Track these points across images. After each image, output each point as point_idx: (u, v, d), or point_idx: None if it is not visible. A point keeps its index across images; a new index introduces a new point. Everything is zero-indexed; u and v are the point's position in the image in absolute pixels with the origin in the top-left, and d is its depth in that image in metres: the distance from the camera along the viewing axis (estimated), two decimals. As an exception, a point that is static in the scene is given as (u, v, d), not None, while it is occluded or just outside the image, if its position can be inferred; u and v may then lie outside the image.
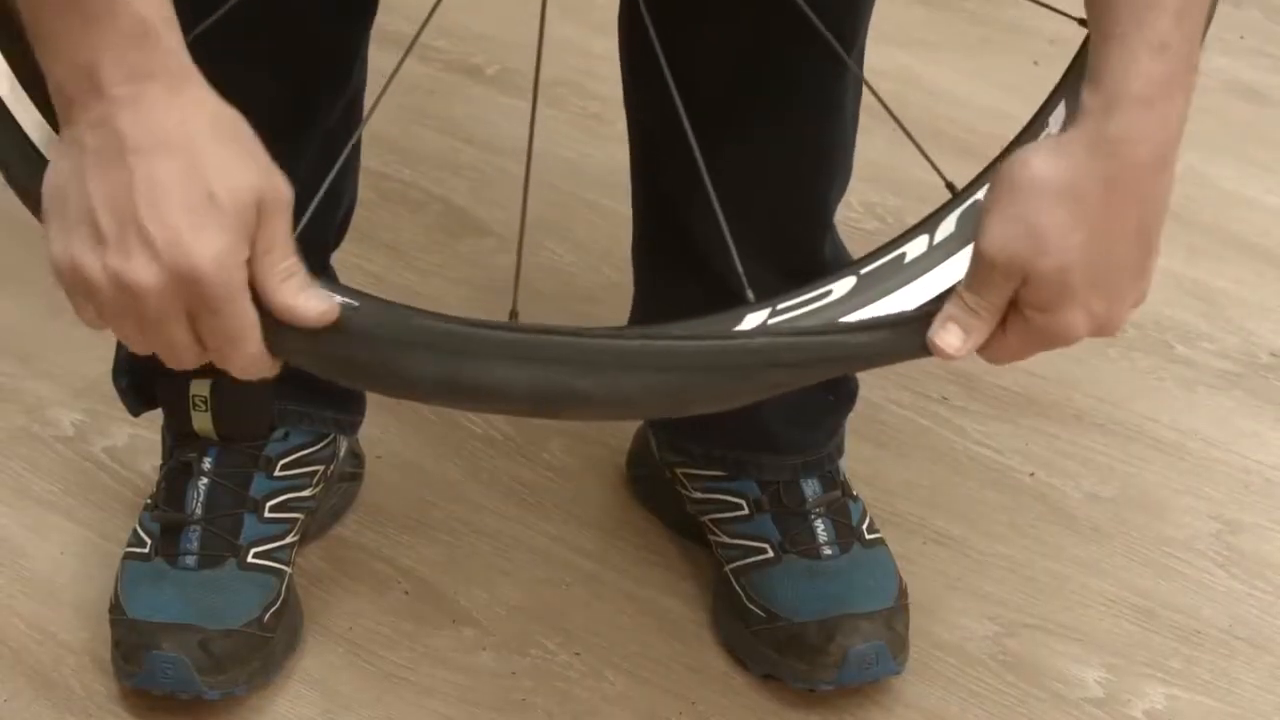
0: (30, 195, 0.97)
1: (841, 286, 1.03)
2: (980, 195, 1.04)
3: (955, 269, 1.02)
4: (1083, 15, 1.07)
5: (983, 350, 1.01)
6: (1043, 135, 1.05)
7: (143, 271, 0.92)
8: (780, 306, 1.02)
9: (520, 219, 1.12)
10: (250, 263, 0.93)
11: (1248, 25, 2.14)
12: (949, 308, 1.00)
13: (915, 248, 1.05)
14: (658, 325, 1.02)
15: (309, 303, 0.95)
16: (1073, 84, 1.05)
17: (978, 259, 0.98)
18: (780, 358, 0.98)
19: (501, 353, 0.96)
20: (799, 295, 1.03)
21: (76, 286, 0.94)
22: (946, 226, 1.04)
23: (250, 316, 0.94)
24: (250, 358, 0.95)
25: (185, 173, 0.91)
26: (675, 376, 0.97)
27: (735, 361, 0.97)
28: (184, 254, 0.91)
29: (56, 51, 0.91)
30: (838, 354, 0.99)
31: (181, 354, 0.96)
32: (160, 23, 0.91)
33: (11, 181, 1.00)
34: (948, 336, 1.00)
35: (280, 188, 0.94)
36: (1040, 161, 0.97)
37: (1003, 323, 1.00)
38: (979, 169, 1.06)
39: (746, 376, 0.98)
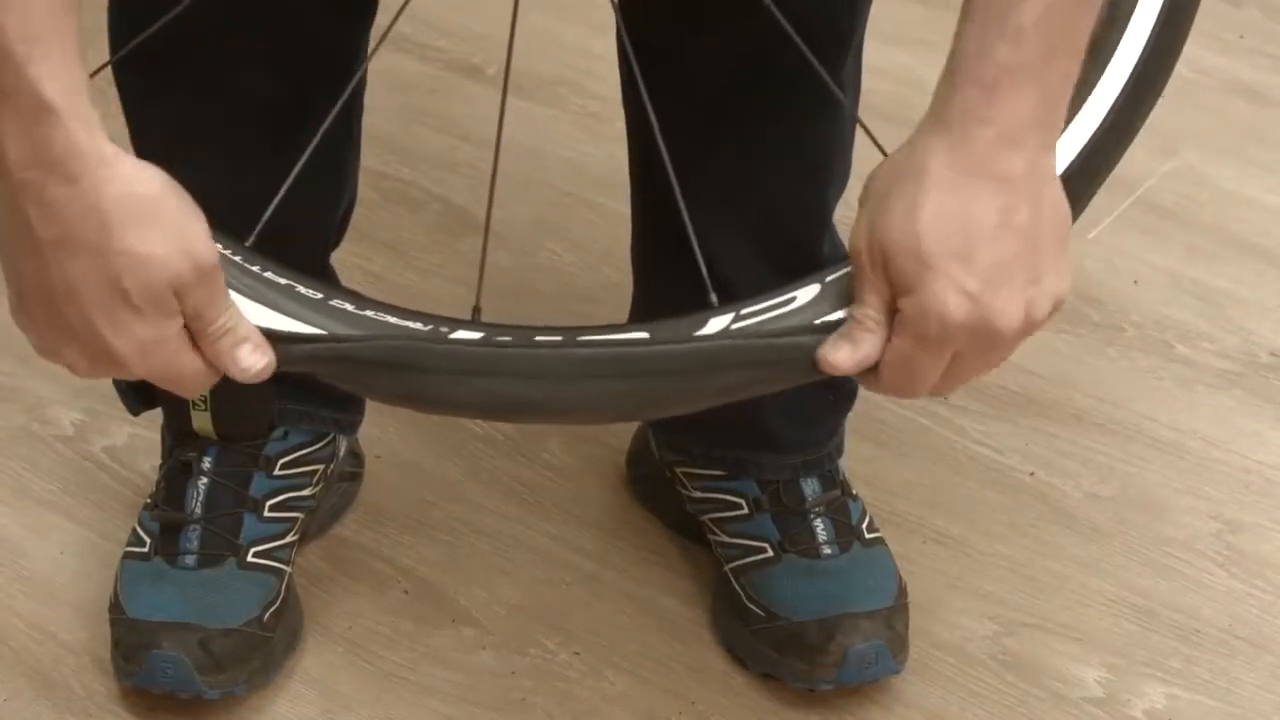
0: None
1: (805, 293, 1.02)
2: None
3: None
4: None
5: (883, 379, 1.00)
6: None
7: (73, 359, 0.97)
8: (744, 311, 1.02)
9: (486, 214, 1.12)
10: (186, 325, 0.96)
11: (1247, 25, 2.14)
12: (841, 327, 0.99)
13: None
14: (611, 325, 1.02)
15: (245, 361, 0.98)
16: None
17: (849, 260, 0.99)
18: (716, 360, 0.99)
19: (448, 368, 0.98)
20: (763, 300, 1.03)
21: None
22: None
23: (191, 369, 0.98)
24: (200, 389, 1.00)
25: (94, 269, 0.93)
26: (612, 383, 0.99)
27: (671, 366, 0.99)
28: (106, 349, 0.95)
29: None
30: (765, 359, 1.00)
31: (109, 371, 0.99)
32: (63, 101, 0.90)
33: None
34: (833, 351, 0.99)
35: (200, 257, 0.95)
36: (893, 155, 0.98)
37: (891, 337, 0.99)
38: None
39: (691, 379, 0.99)
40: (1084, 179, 1.06)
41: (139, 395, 1.40)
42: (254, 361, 0.98)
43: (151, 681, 1.30)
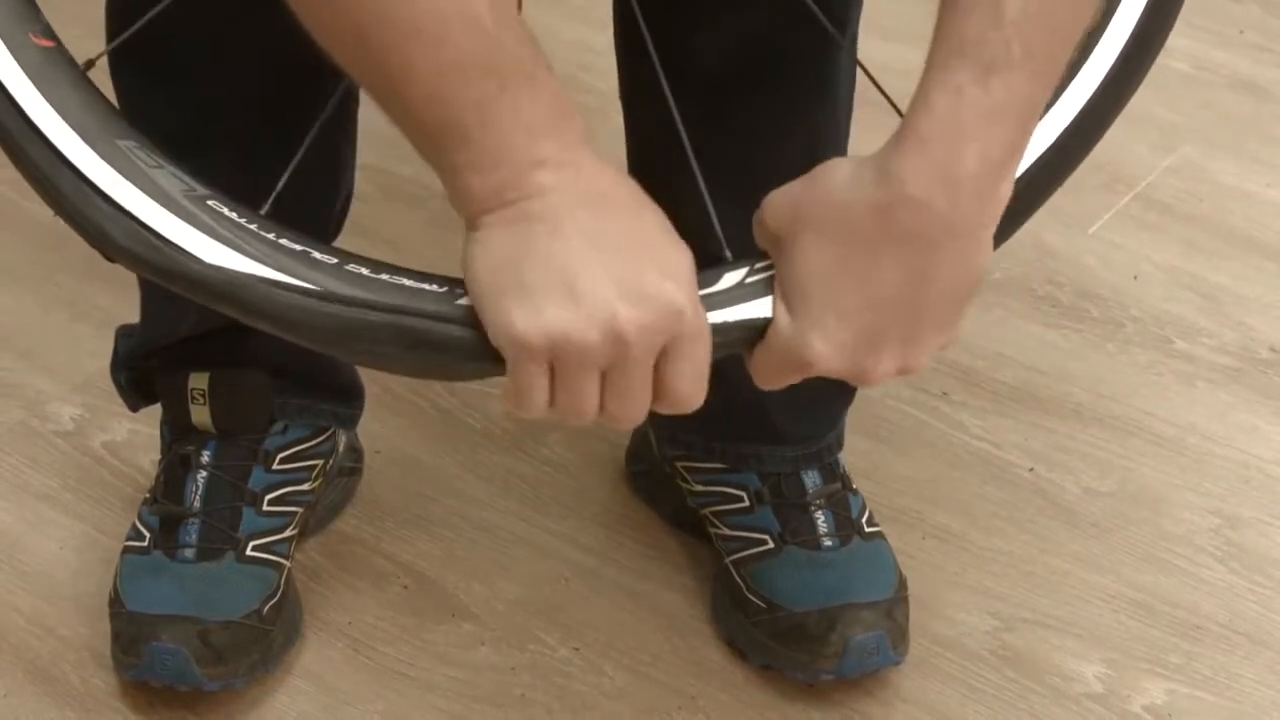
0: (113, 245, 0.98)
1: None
2: None
3: None
4: None
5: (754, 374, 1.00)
6: None
7: (634, 316, 0.92)
8: (759, 265, 1.02)
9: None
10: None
11: (1247, 20, 2.14)
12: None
13: None
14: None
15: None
16: None
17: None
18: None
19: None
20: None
21: (542, 353, 0.94)
22: None
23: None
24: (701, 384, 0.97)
25: (636, 222, 0.95)
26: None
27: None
28: (669, 295, 0.93)
29: (486, 142, 0.93)
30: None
31: (638, 405, 0.96)
32: (566, 99, 0.94)
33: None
34: None
35: None
36: (846, 166, 0.97)
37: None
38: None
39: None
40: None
41: (138, 390, 1.40)
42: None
43: (150, 673, 1.30)
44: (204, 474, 1.36)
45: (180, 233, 0.97)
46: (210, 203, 0.98)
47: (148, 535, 1.35)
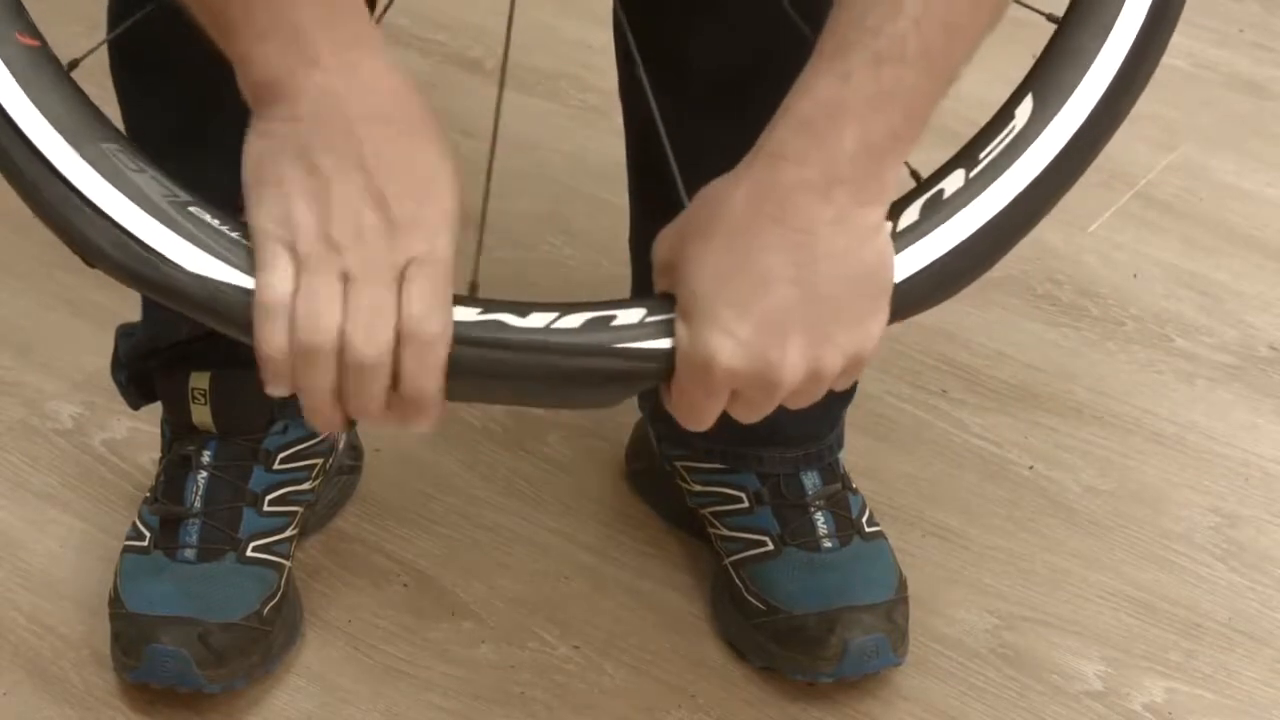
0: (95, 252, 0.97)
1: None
2: (946, 184, 1.02)
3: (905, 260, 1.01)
4: (1051, 10, 1.07)
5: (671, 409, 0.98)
6: (1007, 128, 1.04)
7: (371, 222, 0.92)
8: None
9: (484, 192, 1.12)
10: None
11: (1247, 18, 2.14)
12: None
13: None
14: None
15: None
16: (1040, 77, 1.04)
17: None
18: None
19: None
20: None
21: (274, 237, 0.92)
22: (910, 215, 1.02)
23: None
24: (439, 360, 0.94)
25: (408, 141, 0.94)
26: None
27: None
28: (420, 221, 0.93)
29: (256, 28, 0.92)
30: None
31: (375, 332, 0.92)
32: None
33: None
34: None
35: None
36: (724, 175, 0.96)
37: None
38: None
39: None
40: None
41: (138, 389, 1.40)
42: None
43: (151, 676, 1.30)
44: (204, 474, 1.36)
45: (162, 239, 0.97)
46: (192, 209, 0.98)
47: (148, 535, 1.35)
